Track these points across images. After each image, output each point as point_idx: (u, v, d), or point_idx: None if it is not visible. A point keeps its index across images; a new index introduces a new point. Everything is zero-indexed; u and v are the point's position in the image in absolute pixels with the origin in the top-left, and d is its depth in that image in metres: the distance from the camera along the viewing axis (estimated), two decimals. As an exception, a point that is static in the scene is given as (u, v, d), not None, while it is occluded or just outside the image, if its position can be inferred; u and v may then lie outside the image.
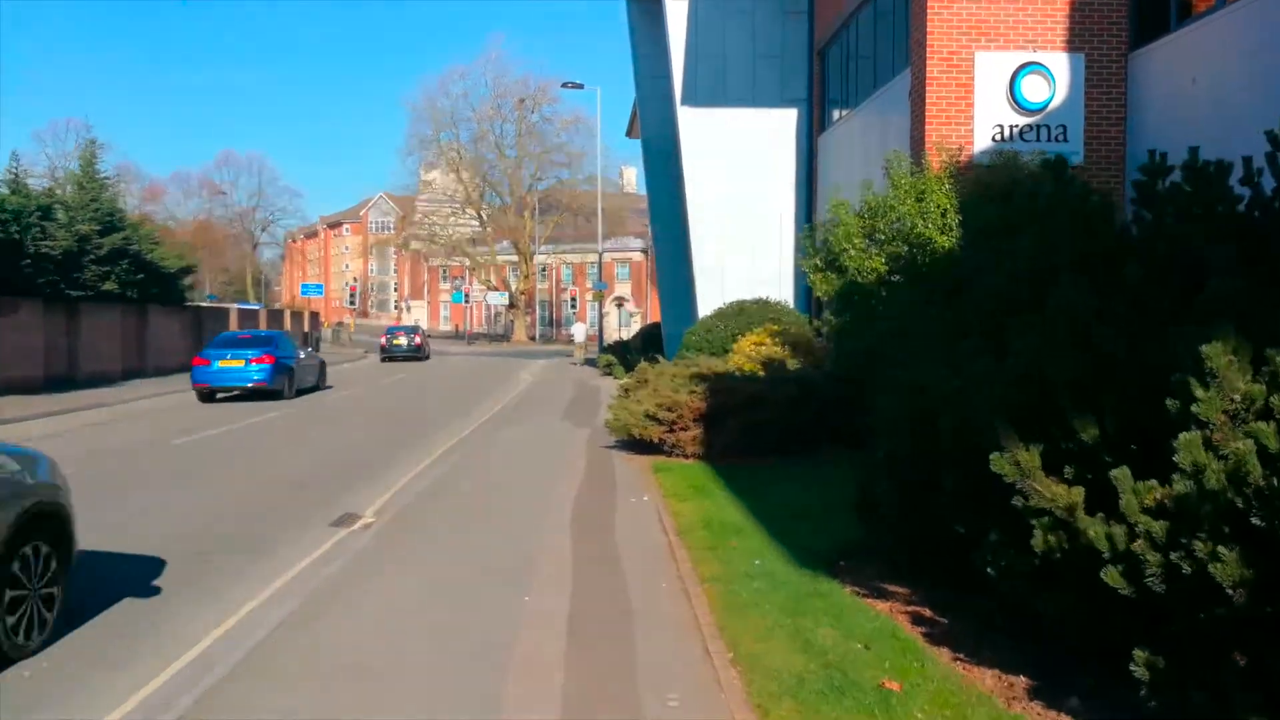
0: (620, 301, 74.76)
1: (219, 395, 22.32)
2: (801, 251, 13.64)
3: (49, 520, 5.81)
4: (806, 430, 12.77)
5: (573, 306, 58.70)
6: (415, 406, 21.82)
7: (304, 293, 52.78)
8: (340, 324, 61.17)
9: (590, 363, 41.75)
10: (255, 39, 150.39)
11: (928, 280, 11.85)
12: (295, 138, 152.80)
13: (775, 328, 15.98)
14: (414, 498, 10.55)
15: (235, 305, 42.99)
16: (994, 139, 13.64)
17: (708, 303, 20.37)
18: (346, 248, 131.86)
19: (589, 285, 68.24)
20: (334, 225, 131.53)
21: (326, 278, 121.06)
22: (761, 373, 14.16)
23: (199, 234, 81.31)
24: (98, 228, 26.62)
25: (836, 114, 19.90)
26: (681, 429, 12.48)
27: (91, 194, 27.90)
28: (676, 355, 17.74)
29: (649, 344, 32.08)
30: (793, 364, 14.22)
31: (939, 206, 11.82)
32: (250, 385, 21.54)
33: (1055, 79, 13.68)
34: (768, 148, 20.59)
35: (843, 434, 12.88)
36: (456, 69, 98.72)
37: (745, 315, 17.07)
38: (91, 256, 26.38)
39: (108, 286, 26.97)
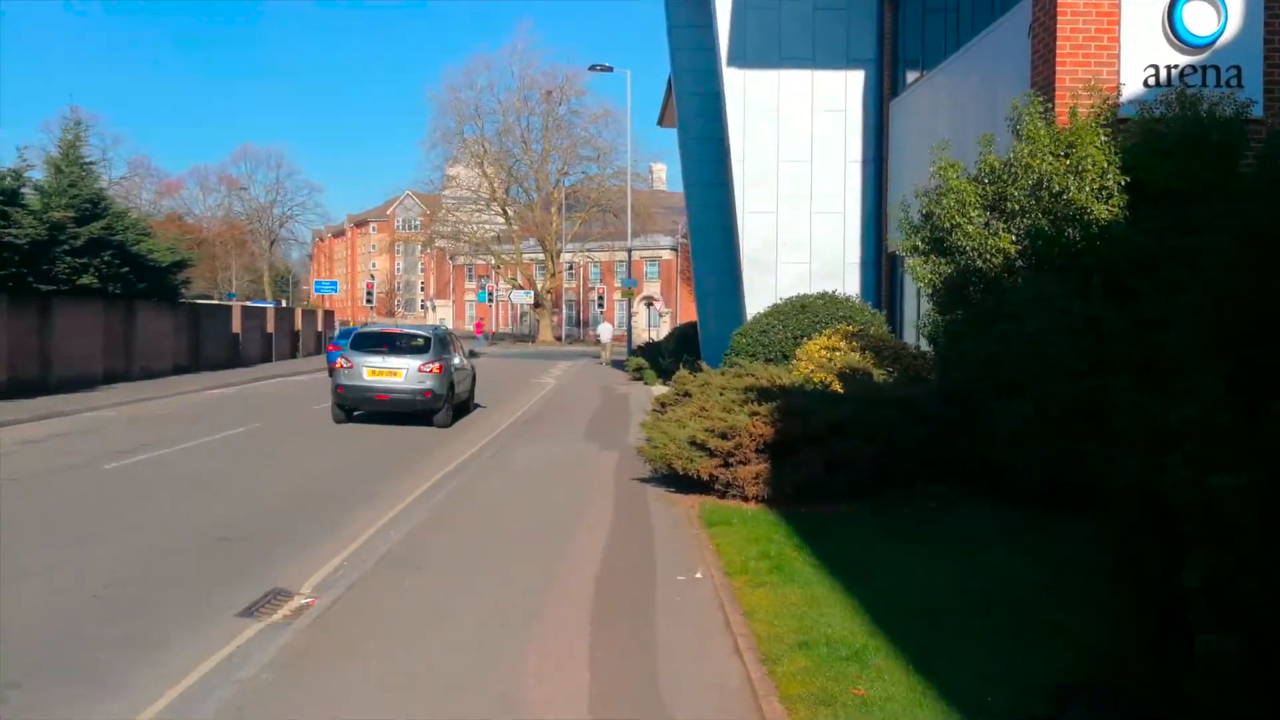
0: (650, 301, 71.73)
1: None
2: (897, 230, 10.51)
3: None
4: (904, 464, 9.67)
5: (600, 306, 55.78)
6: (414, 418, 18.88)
7: (318, 290, 50.13)
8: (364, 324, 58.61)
9: (618, 364, 38.75)
10: (276, 31, 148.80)
11: (1079, 263, 8.71)
12: (317, 135, 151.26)
13: (849, 328, 12.87)
14: (374, 564, 7.55)
15: (239, 303, 40.38)
16: (1147, 83, 10.46)
17: (757, 299, 17.28)
18: (373, 246, 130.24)
19: (617, 284, 65.29)
20: (361, 224, 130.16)
21: (353, 277, 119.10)
22: (838, 387, 11.05)
23: (226, 232, 79.26)
24: (74, 215, 23.91)
25: (912, 76, 16.75)
26: (740, 462, 9.40)
27: (71, 178, 25.22)
28: (724, 361, 14.65)
29: (683, 346, 28.98)
30: (879, 375, 11.10)
31: (1096, 164, 8.65)
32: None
33: (1227, 6, 10.49)
34: (829, 117, 17.46)
35: (945, 467, 9.77)
36: (481, 59, 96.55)
37: (809, 313, 13.97)
38: (66, 247, 23.66)
39: (85, 280, 24.25)
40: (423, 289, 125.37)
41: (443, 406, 16.62)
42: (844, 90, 17.45)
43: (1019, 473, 8.91)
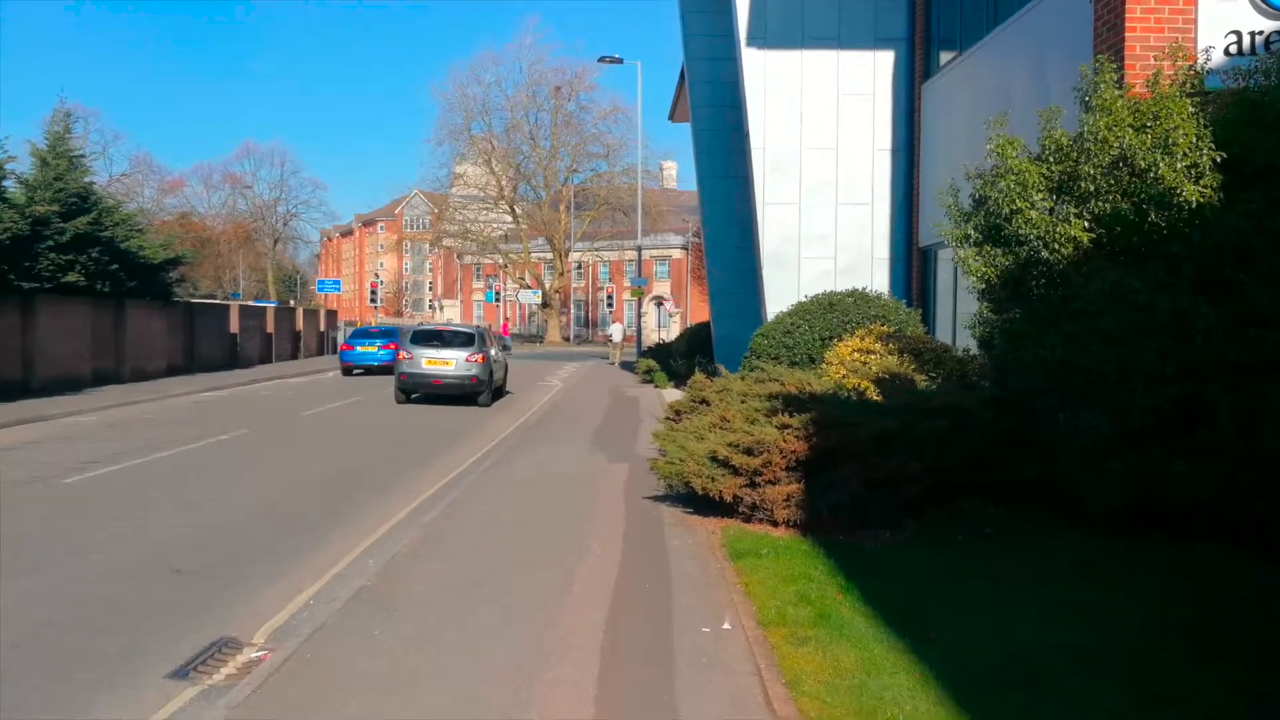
0: (660, 301, 70.56)
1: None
2: (943, 218, 9.30)
3: None
4: (954, 481, 8.49)
5: (609, 305, 54.56)
6: (409, 426, 17.76)
7: (320, 289, 49.03)
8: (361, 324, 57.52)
9: (627, 366, 37.60)
10: (280, 29, 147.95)
11: (1164, 252, 7.50)
12: (324, 134, 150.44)
13: (883, 328, 11.67)
14: (344, 604, 6.40)
15: (236, 302, 39.32)
16: (1229, 51, 9.25)
17: (778, 297, 16.08)
18: (381, 245, 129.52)
19: (626, 283, 64.12)
20: (369, 224, 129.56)
21: (361, 277, 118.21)
22: (874, 394, 9.86)
23: (231, 231, 78.29)
24: (59, 209, 22.84)
25: (946, 56, 15.53)
26: (769, 481, 8.21)
27: (57, 171, 24.15)
28: (743, 364, 13.46)
29: (696, 347, 27.80)
30: (921, 382, 9.89)
31: (1186, 138, 7.43)
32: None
33: (1321, -36, 9.28)
34: (855, 101, 16.26)
35: (1000, 485, 8.58)
36: (489, 55, 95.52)
37: (838, 312, 12.76)
38: (50, 243, 22.60)
39: (71, 278, 23.19)
40: (431, 289, 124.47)
41: (484, 390, 20.25)
42: (872, 72, 16.24)
43: (1091, 493, 7.73)
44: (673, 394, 23.41)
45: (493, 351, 21.33)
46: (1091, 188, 7.81)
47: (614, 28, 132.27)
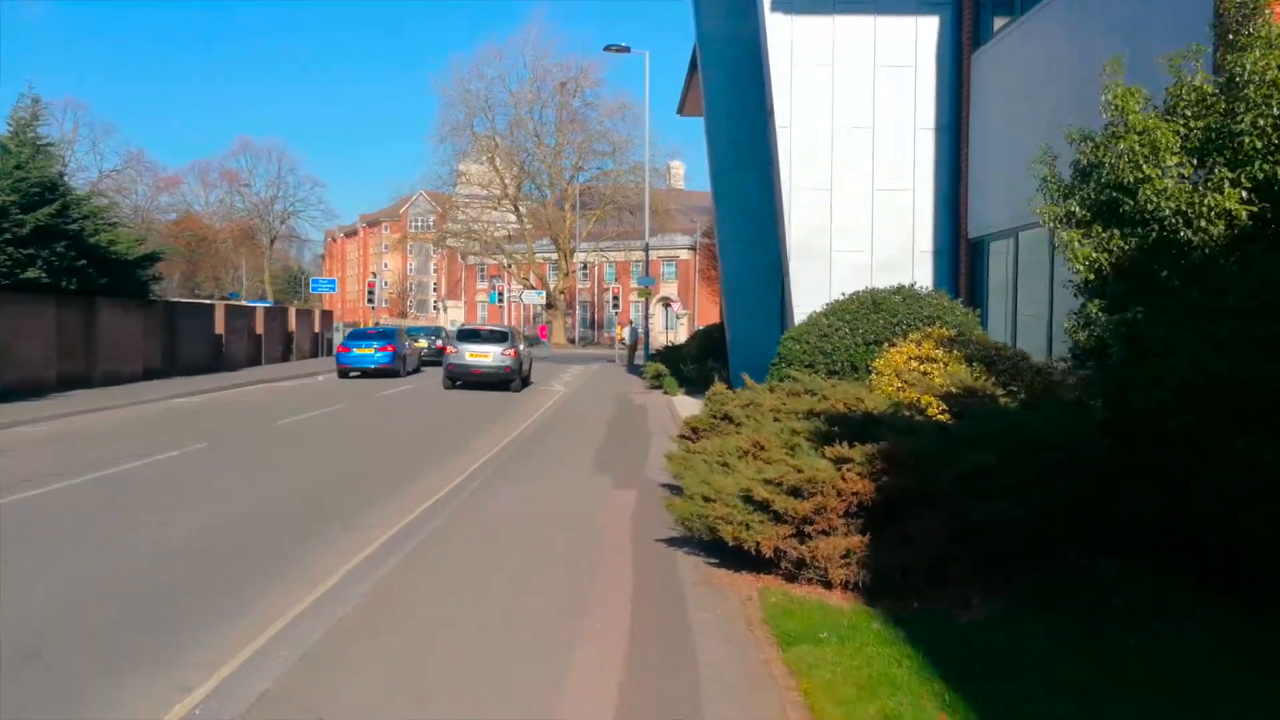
0: (667, 302, 68.64)
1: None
2: (1040, 193, 7.37)
3: None
4: (1056, 528, 6.56)
5: (615, 307, 52.63)
6: (389, 438, 15.89)
7: (314, 288, 47.12)
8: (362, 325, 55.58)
9: (634, 370, 35.69)
10: (280, 23, 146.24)
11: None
12: (327, 134, 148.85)
13: (944, 331, 9.74)
14: (247, 710, 4.50)
15: (222, 301, 37.45)
16: None
17: (807, 295, 14.17)
18: (385, 246, 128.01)
19: (633, 284, 62.26)
20: (374, 224, 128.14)
21: (364, 277, 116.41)
22: (939, 411, 7.94)
23: (231, 229, 76.58)
24: (17, 198, 21.01)
25: (999, 22, 13.61)
26: (822, 531, 6.29)
27: (18, 159, 22.32)
28: (770, 373, 11.54)
29: (707, 351, 25.91)
30: (1001, 398, 7.95)
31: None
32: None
33: None
34: (895, 74, 14.35)
35: (1109, 529, 6.66)
36: (492, 49, 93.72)
37: (885, 312, 10.82)
38: (8, 235, 20.79)
39: (32, 274, 21.34)
40: (435, 289, 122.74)
41: (515, 378, 24.55)
42: (914, 41, 14.32)
43: (1248, 547, 5.83)
44: (684, 401, 21.47)
45: (521, 347, 25.86)
46: (1257, 147, 5.88)
47: (621, 20, 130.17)
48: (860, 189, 14.19)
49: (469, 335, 25.72)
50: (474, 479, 11.42)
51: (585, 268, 75.05)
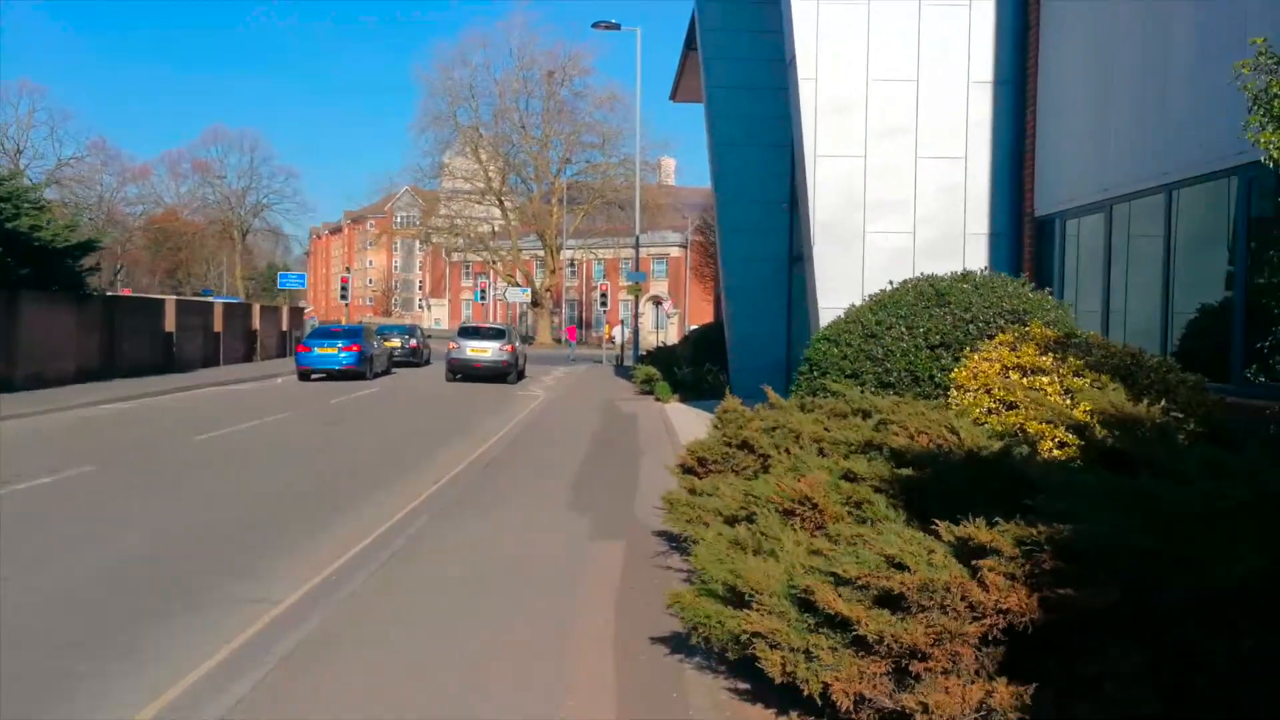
0: (657, 300, 65.97)
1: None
2: (1261, 112, 4.74)
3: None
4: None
5: (603, 305, 50.01)
6: (325, 460, 13.23)
7: (282, 284, 44.11)
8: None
9: (622, 371, 33.05)
10: (259, 15, 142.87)
11: None
12: (309, 132, 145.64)
13: (1048, 332, 7.09)
14: None
15: (174, 298, 34.56)
16: None
17: (833, 286, 11.57)
18: (370, 243, 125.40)
19: (622, 281, 59.62)
20: (359, 220, 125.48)
21: (350, 275, 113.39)
22: (1053, 446, 5.32)
23: (220, 230, 73.38)
24: (-87, 177, 18.30)
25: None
26: (943, 671, 3.65)
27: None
28: (797, 383, 8.88)
29: (704, 353, 23.28)
30: (1148, 417, 5.33)
31: None
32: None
33: None
34: (944, 15, 11.74)
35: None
36: (476, 35, 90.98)
37: (954, 305, 8.13)
38: (-100, 218, 18.08)
39: (-74, 262, 18.63)
40: (420, 287, 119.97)
41: (512, 371, 26.52)
42: (966, -23, 11.72)
43: None
44: (679, 411, 18.82)
45: (518, 343, 28.27)
46: None
47: (610, 8, 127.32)
48: (901, 157, 11.58)
49: (470, 332, 27.72)
50: (416, 518, 8.75)
51: (573, 265, 72.38)
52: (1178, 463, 4.17)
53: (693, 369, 22.45)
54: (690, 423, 16.37)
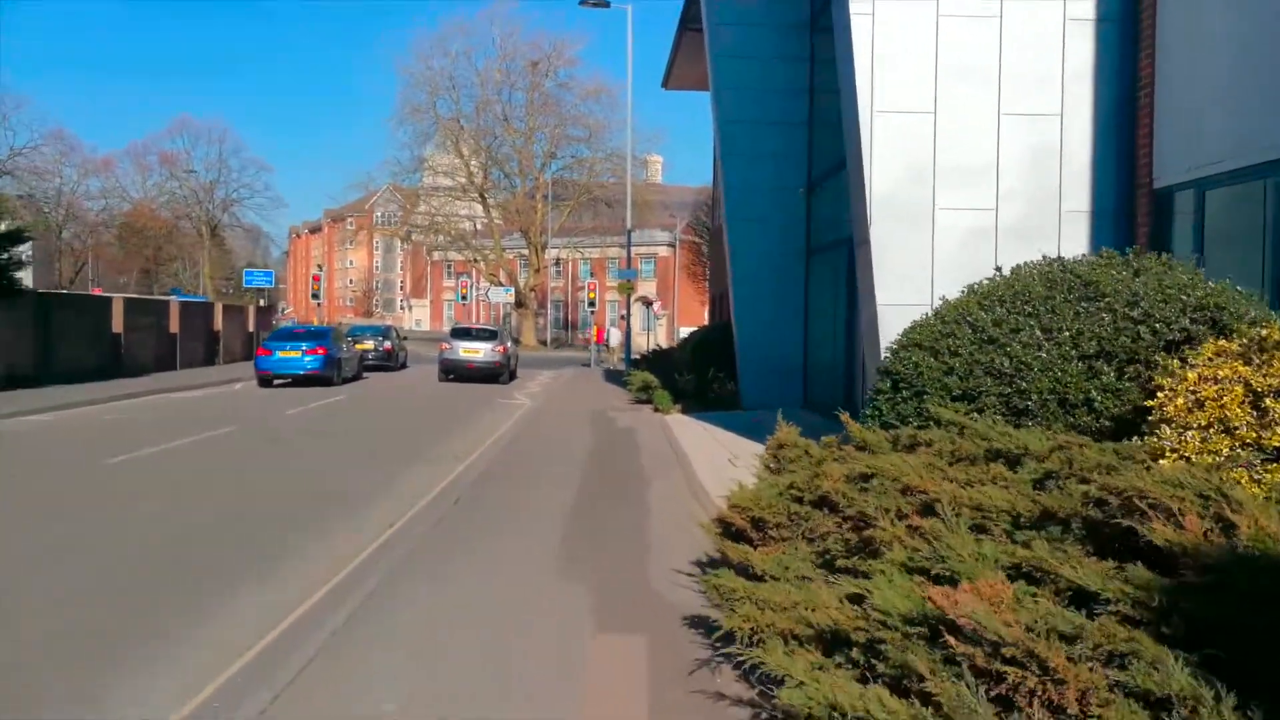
0: (648, 301, 63.49)
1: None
2: None
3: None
4: None
5: (590, 306, 47.54)
6: (263, 490, 10.72)
7: (248, 282, 41.21)
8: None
9: (612, 377, 30.59)
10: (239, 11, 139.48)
11: None
12: (298, 128, 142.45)
13: (1274, 334, 4.77)
14: None
15: (122, 295, 31.82)
16: None
17: (894, 276, 9.15)
18: (350, 242, 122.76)
19: (610, 281, 57.08)
20: (339, 219, 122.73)
21: (330, 274, 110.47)
22: None
23: (196, 229, 70.25)
24: None
25: None
26: None
27: None
28: (876, 406, 6.44)
29: (707, 356, 20.78)
30: None
31: None
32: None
33: None
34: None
35: None
36: (457, 24, 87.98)
37: (1112, 298, 5.63)
38: None
39: None
40: (401, 287, 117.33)
41: (504, 371, 27.07)
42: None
43: None
44: (683, 423, 16.33)
45: (509, 344, 28.71)
46: None
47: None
48: (980, 113, 9.17)
49: (462, 333, 27.88)
50: (346, 594, 6.26)
51: (558, 264, 69.80)
52: None
53: (695, 375, 20.01)
54: (699, 440, 13.94)
